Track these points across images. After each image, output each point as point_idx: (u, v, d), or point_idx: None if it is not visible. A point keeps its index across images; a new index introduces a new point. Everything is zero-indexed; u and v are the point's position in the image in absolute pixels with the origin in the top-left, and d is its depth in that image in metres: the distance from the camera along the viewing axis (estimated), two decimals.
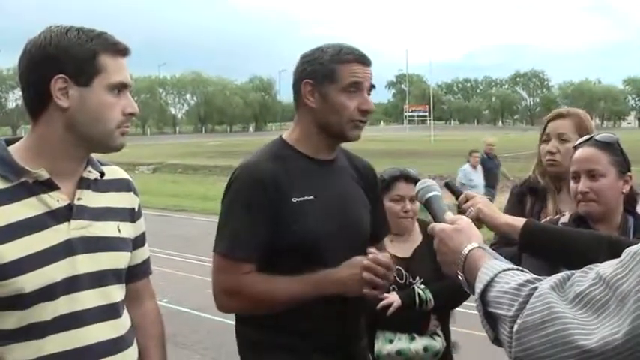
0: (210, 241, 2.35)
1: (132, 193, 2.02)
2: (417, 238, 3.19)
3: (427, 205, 1.82)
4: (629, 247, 1.13)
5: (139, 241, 2.04)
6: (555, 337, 1.12)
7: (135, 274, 2.03)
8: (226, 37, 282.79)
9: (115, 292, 1.89)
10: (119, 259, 1.90)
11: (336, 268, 2.20)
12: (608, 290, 1.10)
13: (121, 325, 1.91)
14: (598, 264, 1.18)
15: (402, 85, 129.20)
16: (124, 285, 1.95)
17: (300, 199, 2.23)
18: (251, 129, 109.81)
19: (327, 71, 2.24)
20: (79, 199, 1.80)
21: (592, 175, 2.32)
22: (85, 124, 1.75)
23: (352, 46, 2.30)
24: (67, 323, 1.75)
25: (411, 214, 3.10)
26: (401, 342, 2.97)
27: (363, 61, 2.28)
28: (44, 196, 1.74)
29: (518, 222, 2.25)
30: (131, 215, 1.99)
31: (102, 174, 1.90)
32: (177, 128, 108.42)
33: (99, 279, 1.82)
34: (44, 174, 1.73)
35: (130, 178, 2.06)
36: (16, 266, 1.66)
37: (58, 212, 1.75)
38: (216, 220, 2.32)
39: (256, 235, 2.20)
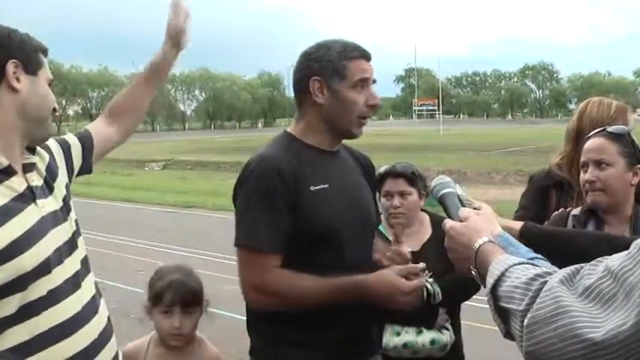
0: (220, 236, 2.38)
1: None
2: (427, 231, 3.19)
3: (441, 201, 1.84)
4: (638, 240, 1.14)
5: None
6: (564, 331, 1.13)
7: None
8: (235, 33, 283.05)
9: (80, 253, 2.00)
10: (71, 227, 2.01)
11: (369, 278, 2.20)
12: (616, 283, 1.11)
13: (93, 280, 2.04)
14: (607, 257, 1.18)
15: (411, 79, 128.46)
16: None
17: (317, 187, 2.27)
18: (260, 125, 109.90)
19: (336, 68, 2.28)
20: (32, 180, 1.90)
21: (600, 164, 2.33)
22: (37, 108, 1.91)
23: (354, 42, 2.35)
24: (58, 295, 1.83)
25: (401, 209, 3.10)
26: (408, 335, 2.99)
27: (368, 56, 2.34)
28: (8, 182, 1.82)
29: (515, 225, 2.23)
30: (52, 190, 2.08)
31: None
32: (186, 124, 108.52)
33: (70, 247, 1.94)
34: (4, 161, 1.82)
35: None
36: (10, 251, 1.72)
37: (25, 195, 1.85)
38: (226, 215, 2.36)
39: (280, 224, 2.21)
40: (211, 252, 10.38)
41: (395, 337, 2.99)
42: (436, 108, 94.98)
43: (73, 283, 1.90)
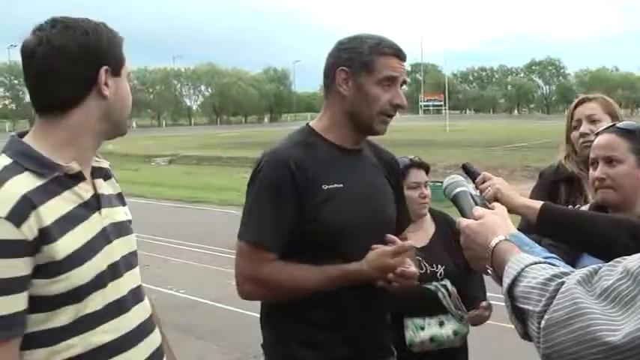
0: (226, 232, 2.36)
1: (114, 180, 2.04)
2: (431, 226, 3.27)
3: (455, 200, 1.83)
4: None
5: None
6: (582, 334, 1.10)
7: None
8: (241, 29, 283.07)
9: (138, 274, 1.94)
10: (134, 241, 1.96)
11: (359, 264, 2.19)
12: (635, 285, 1.09)
13: (148, 305, 1.96)
14: (626, 257, 1.16)
15: (417, 75, 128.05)
16: None
17: (330, 186, 2.24)
18: (266, 120, 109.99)
19: (365, 61, 2.25)
20: (100, 187, 1.84)
21: (609, 161, 2.30)
22: (119, 110, 1.83)
23: (391, 40, 2.31)
24: (115, 310, 1.78)
25: (427, 199, 3.21)
26: (432, 328, 3.04)
27: (401, 55, 2.30)
28: (76, 189, 1.76)
29: (536, 204, 2.22)
30: (124, 199, 2.03)
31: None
32: (192, 120, 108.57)
33: (129, 262, 1.87)
34: (76, 167, 1.75)
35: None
36: (72, 260, 1.68)
37: (90, 203, 1.78)
38: (232, 211, 2.36)
39: (285, 223, 2.20)
40: (218, 247, 10.43)
41: (420, 332, 3.03)
42: (442, 103, 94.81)
43: (130, 299, 1.83)
